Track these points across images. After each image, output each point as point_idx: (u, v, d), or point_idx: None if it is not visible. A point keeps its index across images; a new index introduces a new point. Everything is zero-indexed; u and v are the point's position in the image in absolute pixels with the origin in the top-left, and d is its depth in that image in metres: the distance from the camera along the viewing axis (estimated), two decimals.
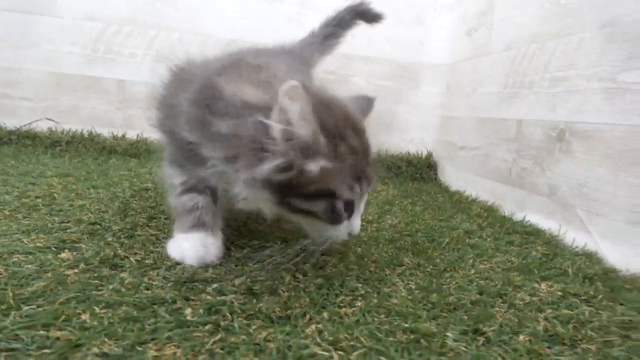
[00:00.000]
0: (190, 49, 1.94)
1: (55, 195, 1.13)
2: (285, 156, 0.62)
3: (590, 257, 1.01)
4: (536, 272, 0.89)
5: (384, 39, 2.07)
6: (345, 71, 2.05)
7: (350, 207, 0.71)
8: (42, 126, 1.91)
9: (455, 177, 1.83)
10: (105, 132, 1.95)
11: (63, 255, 0.75)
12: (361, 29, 2.04)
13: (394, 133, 2.11)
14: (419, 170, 2.00)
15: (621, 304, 0.77)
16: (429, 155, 2.07)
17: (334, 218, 0.70)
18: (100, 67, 1.94)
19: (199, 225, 0.81)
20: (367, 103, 0.85)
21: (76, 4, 1.88)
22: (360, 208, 0.74)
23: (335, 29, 1.34)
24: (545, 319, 0.68)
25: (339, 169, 0.66)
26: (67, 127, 1.93)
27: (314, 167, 0.63)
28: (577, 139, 1.14)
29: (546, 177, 1.26)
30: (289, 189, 0.65)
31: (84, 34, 1.91)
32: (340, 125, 0.68)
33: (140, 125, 1.98)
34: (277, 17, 2.00)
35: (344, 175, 0.67)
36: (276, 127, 0.62)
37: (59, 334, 0.51)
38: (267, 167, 0.62)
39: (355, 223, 0.74)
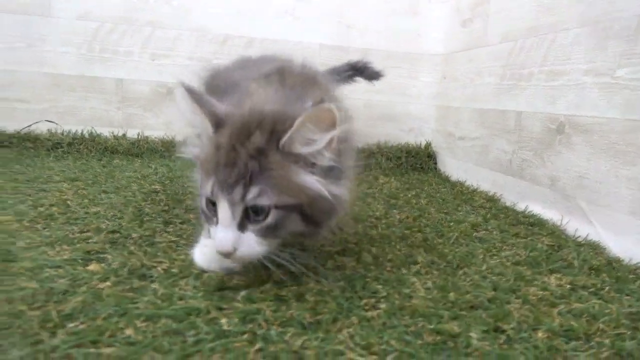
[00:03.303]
0: (187, 46, 1.95)
1: (69, 202, 1.15)
2: None
3: (594, 247, 1.06)
4: (544, 265, 0.93)
5: (379, 30, 2.08)
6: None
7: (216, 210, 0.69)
8: (41, 128, 1.91)
9: (455, 167, 1.87)
10: (105, 131, 1.95)
11: (92, 267, 0.77)
12: (357, 21, 2.06)
13: (392, 124, 2.13)
14: (419, 161, 2.04)
15: (627, 295, 0.81)
16: (428, 145, 2.10)
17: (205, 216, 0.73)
18: (98, 66, 1.93)
19: None
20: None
21: (70, 4, 1.87)
22: (222, 215, 0.67)
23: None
24: (559, 314, 0.71)
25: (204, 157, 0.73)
26: (66, 128, 1.93)
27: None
28: (577, 132, 1.17)
29: (546, 168, 1.29)
30: None
31: (78, 34, 1.90)
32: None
33: (141, 123, 1.99)
34: (272, 11, 2.00)
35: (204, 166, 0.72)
36: None
37: (108, 350, 0.54)
38: None
39: (216, 235, 0.68)
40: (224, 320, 0.62)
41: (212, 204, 0.69)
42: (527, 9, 1.40)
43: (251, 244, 0.68)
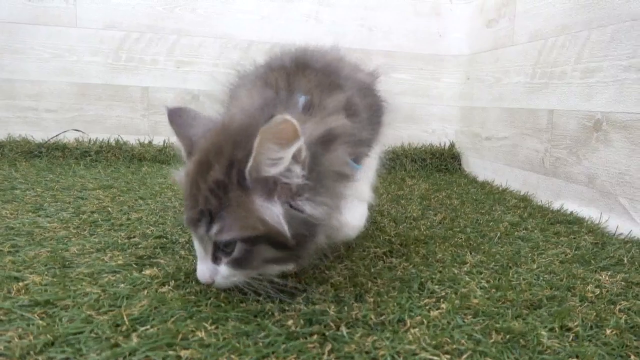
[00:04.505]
0: (211, 52, 1.96)
1: (109, 209, 1.16)
2: None
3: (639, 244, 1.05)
4: (593, 262, 0.92)
5: (401, 32, 2.08)
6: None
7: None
8: (68, 137, 1.93)
9: (482, 167, 1.86)
10: (131, 139, 1.97)
11: (148, 272, 0.77)
12: (379, 24, 2.07)
13: (415, 125, 2.13)
14: (443, 162, 2.03)
15: None
16: (452, 146, 2.09)
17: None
18: (124, 75, 1.95)
19: None
20: None
21: (96, 14, 1.89)
22: (197, 249, 0.68)
23: None
24: (621, 311, 0.71)
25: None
26: (93, 136, 1.95)
27: None
28: (616, 128, 1.16)
29: (583, 166, 1.28)
30: None
31: (105, 43, 1.92)
32: None
33: (166, 130, 2.00)
34: (295, 16, 2.02)
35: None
36: None
37: (185, 352, 0.54)
38: None
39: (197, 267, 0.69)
40: (290, 322, 0.63)
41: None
42: (558, 7, 1.40)
43: (226, 276, 0.67)
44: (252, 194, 0.63)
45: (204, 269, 0.67)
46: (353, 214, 0.81)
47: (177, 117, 0.73)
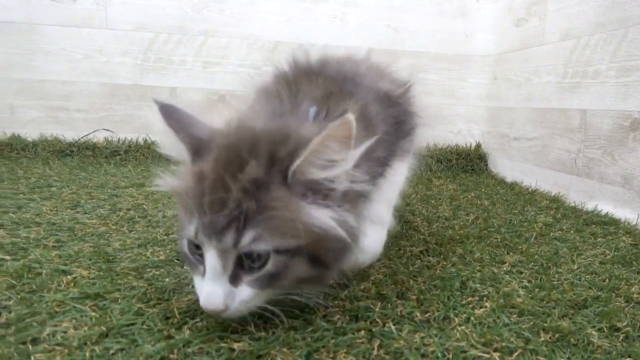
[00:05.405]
0: (238, 53, 1.98)
1: (144, 206, 1.18)
2: None
3: None
4: (635, 264, 0.90)
5: (427, 32, 2.08)
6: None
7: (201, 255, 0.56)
8: (98, 136, 1.96)
9: (509, 168, 1.84)
10: (159, 139, 1.99)
11: None
12: (405, 24, 2.06)
13: (441, 125, 2.12)
14: (470, 162, 2.02)
15: None
16: (478, 146, 2.08)
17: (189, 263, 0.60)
18: (152, 76, 1.98)
19: None
20: None
21: (126, 16, 1.92)
22: (210, 265, 0.55)
23: None
24: None
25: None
26: (122, 136, 1.98)
27: None
28: None
29: (618, 166, 1.26)
30: None
31: (134, 44, 1.95)
32: None
33: None
34: (321, 17, 2.02)
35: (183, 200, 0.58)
36: None
37: (238, 345, 0.55)
38: None
39: (202, 289, 0.56)
40: (336, 318, 0.63)
41: (195, 247, 0.57)
42: (593, 5, 1.38)
43: (245, 300, 0.55)
44: (296, 196, 0.56)
45: (219, 292, 0.54)
46: (369, 238, 0.73)
47: (173, 114, 0.63)
